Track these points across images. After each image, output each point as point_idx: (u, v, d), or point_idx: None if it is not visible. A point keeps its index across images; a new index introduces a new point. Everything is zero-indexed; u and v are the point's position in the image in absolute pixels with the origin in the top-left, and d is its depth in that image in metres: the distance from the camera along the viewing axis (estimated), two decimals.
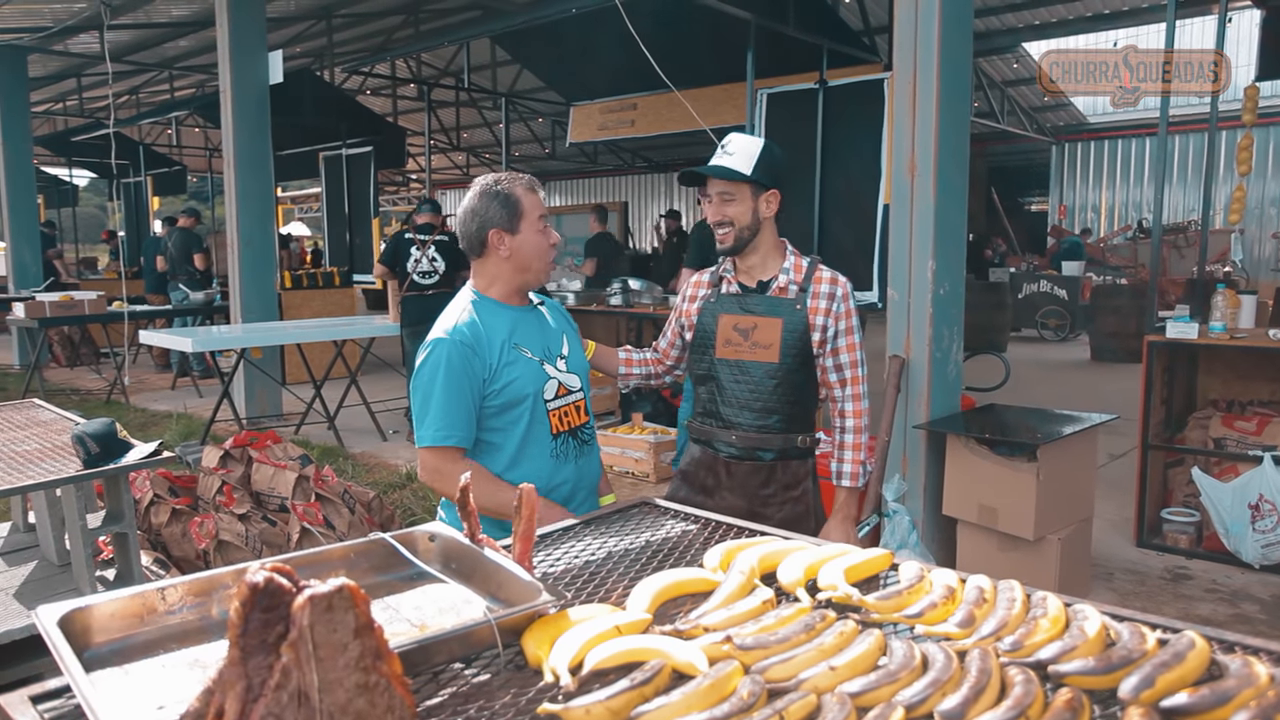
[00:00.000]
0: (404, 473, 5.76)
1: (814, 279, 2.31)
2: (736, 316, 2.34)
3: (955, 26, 3.99)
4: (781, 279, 2.32)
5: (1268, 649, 1.12)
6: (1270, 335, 4.22)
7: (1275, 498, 3.97)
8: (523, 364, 2.07)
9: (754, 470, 2.34)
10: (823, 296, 2.30)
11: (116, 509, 2.85)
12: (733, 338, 2.33)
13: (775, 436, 2.32)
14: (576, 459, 2.15)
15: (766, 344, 2.29)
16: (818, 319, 2.29)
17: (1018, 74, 14.19)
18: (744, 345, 2.32)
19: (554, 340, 2.18)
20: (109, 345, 10.27)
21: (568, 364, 2.18)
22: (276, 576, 0.85)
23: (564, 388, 2.15)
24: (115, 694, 0.98)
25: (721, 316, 2.36)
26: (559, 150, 17.85)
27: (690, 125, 6.98)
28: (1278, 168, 14.26)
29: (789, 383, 2.30)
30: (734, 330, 2.33)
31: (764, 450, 2.34)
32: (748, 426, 2.33)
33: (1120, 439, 5.79)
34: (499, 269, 2.11)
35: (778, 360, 2.28)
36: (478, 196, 2.08)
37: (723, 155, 2.28)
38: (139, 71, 12.99)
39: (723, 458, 2.37)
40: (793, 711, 0.95)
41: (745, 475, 2.35)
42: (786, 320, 2.28)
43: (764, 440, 2.33)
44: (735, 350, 2.32)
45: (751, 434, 2.33)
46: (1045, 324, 12.85)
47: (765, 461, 2.34)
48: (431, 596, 1.30)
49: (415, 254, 6.63)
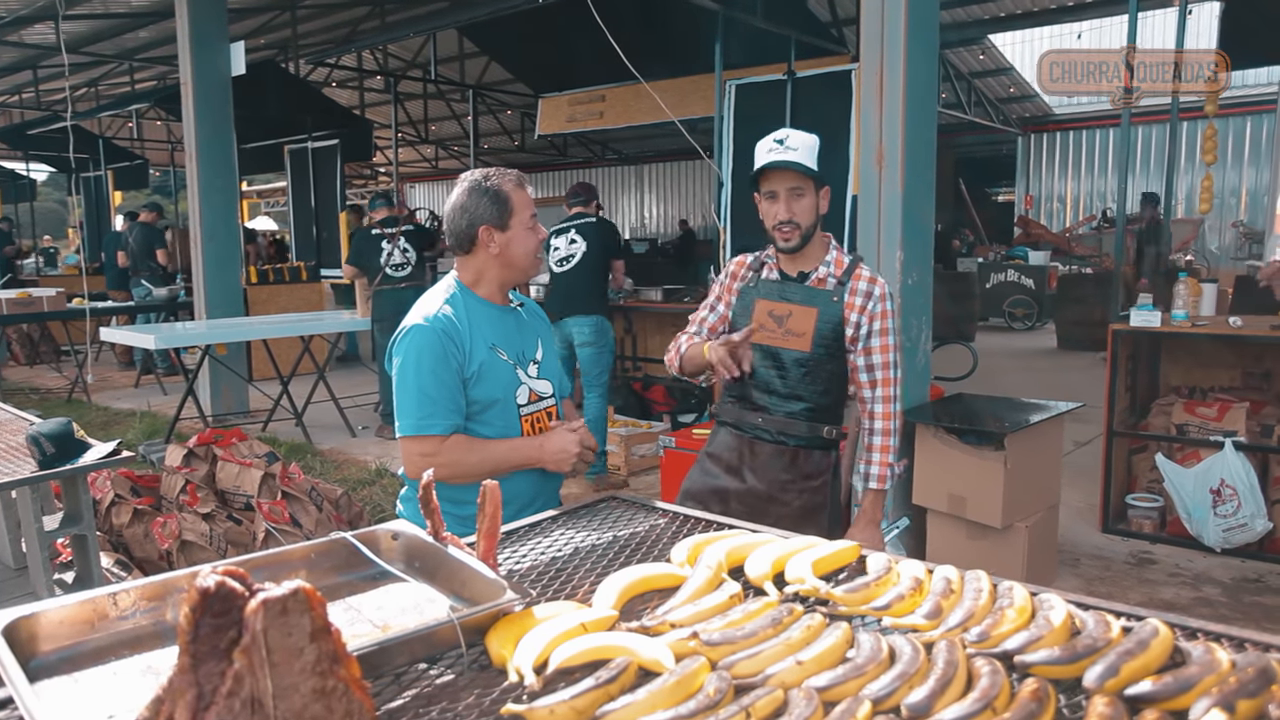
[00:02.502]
0: (373, 469, 5.71)
1: (854, 275, 2.32)
2: (773, 303, 2.34)
3: (921, 18, 4.01)
4: (821, 270, 2.33)
5: (1229, 635, 1.13)
6: (1230, 323, 4.29)
7: (1236, 482, 4.04)
8: (499, 367, 2.04)
9: (777, 453, 2.35)
10: (860, 294, 2.30)
11: (75, 510, 2.79)
12: (767, 323, 2.33)
13: (801, 423, 2.33)
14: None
15: (800, 332, 2.30)
16: (852, 315, 2.29)
17: (984, 65, 14.30)
18: (778, 332, 2.32)
19: (529, 344, 2.15)
20: (69, 343, 10.06)
21: (540, 369, 2.15)
22: (228, 580, 0.83)
23: (535, 393, 2.12)
24: (62, 704, 0.95)
25: (759, 301, 2.35)
26: (528, 143, 17.75)
27: (659, 117, 6.95)
28: (1237, 158, 14.51)
29: (818, 373, 2.31)
30: (769, 316, 2.33)
31: (789, 436, 2.34)
32: (775, 411, 2.34)
33: (1086, 426, 5.87)
34: (486, 265, 2.08)
35: (809, 350, 2.29)
36: (467, 193, 2.05)
37: (786, 151, 2.24)
38: (97, 63, 12.71)
39: (748, 438, 2.38)
40: (759, 707, 0.95)
41: (769, 457, 2.35)
42: (822, 311, 2.29)
43: (790, 425, 2.33)
44: (769, 336, 2.32)
45: (778, 418, 2.34)
46: (1013, 313, 12.98)
47: (789, 446, 2.34)
48: (394, 596, 1.28)
49: (386, 247, 6.58)
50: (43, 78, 13.49)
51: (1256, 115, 13.85)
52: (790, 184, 2.25)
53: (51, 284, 10.98)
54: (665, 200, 21.25)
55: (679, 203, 20.82)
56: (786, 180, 2.25)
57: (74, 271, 13.07)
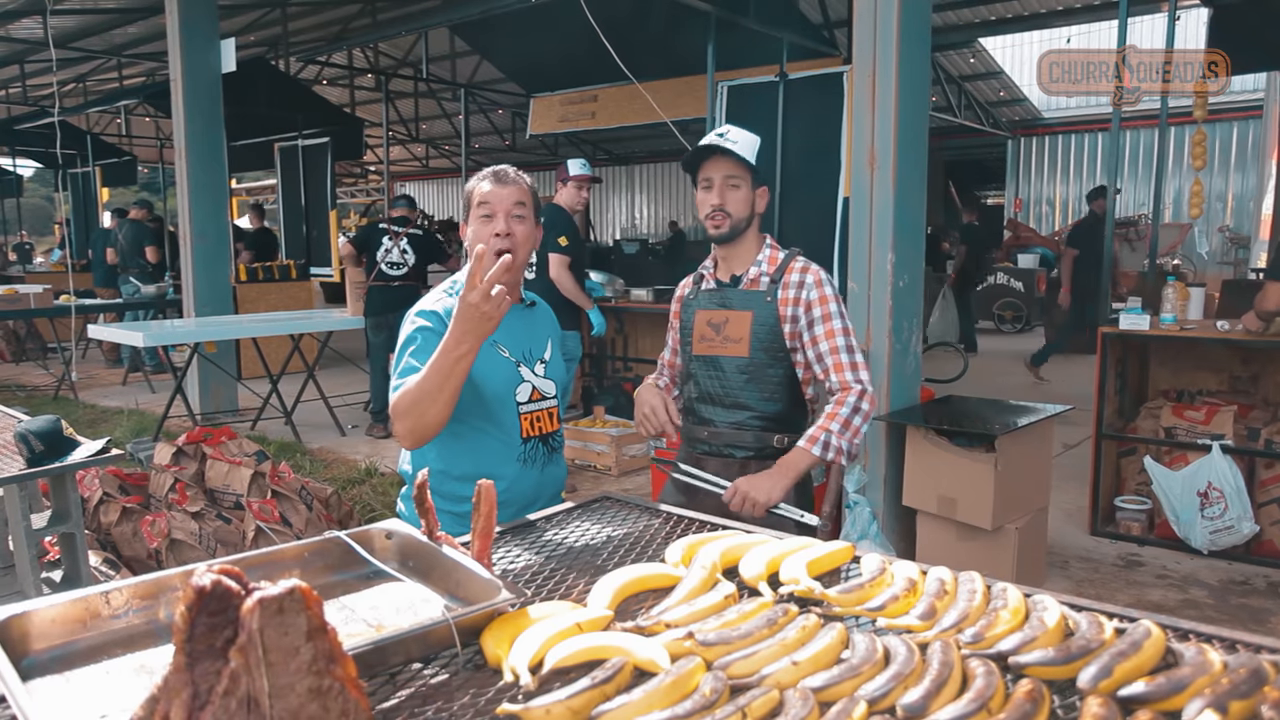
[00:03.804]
0: (363, 468, 5.69)
1: (787, 270, 2.26)
2: (711, 311, 2.31)
3: (914, 21, 4.02)
4: (753, 271, 2.29)
5: (1220, 636, 1.13)
6: (1218, 326, 4.32)
7: (1223, 485, 4.06)
8: (497, 362, 2.04)
9: (724, 466, 2.27)
10: (792, 286, 2.25)
11: (63, 508, 2.77)
12: (706, 333, 2.29)
13: (747, 433, 2.26)
14: (544, 465, 2.12)
15: (737, 338, 2.25)
16: (788, 309, 2.23)
17: (974, 69, 14.35)
18: (716, 340, 2.28)
19: (537, 344, 2.15)
20: (56, 340, 9.99)
21: (547, 369, 2.15)
22: (224, 579, 0.82)
23: (538, 392, 2.11)
24: (55, 703, 0.94)
25: (698, 313, 2.33)
26: (519, 142, 17.71)
27: (651, 117, 6.96)
28: (1224, 163, 14.62)
29: (760, 378, 2.25)
30: (708, 325, 2.30)
31: (737, 447, 2.28)
32: (720, 423, 2.28)
33: (1075, 429, 5.90)
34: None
35: (748, 354, 2.24)
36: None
37: (725, 142, 2.21)
38: (86, 59, 12.62)
39: (695, 454, 2.34)
40: (755, 708, 0.95)
41: (716, 471, 2.26)
42: (756, 313, 2.24)
43: (737, 437, 2.27)
44: (709, 346, 2.29)
45: (724, 429, 2.28)
46: (1002, 316, 13.03)
47: (737, 459, 2.27)
48: (388, 596, 1.28)
49: (387, 244, 6.58)
50: (30, 73, 13.40)
51: (1243, 121, 13.95)
52: (725, 172, 2.23)
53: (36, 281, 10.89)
54: (656, 201, 21.26)
55: (670, 204, 20.84)
56: (722, 168, 2.23)
57: (60, 269, 12.96)
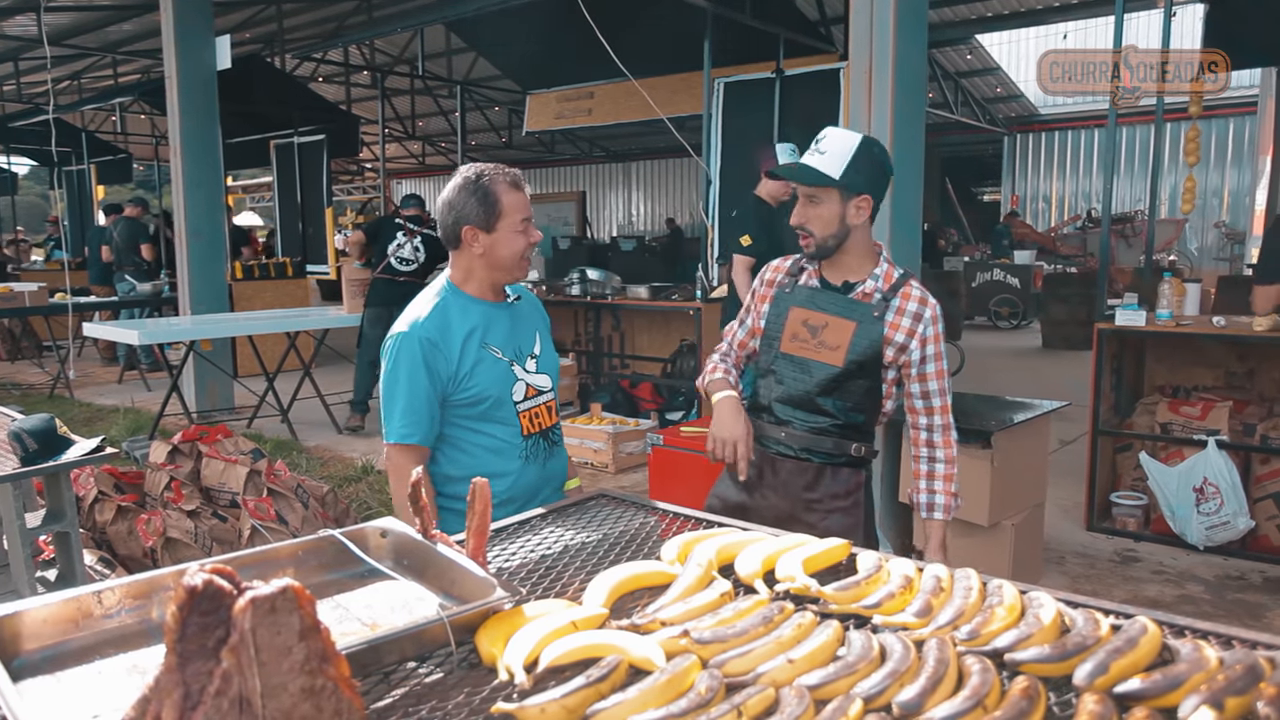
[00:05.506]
0: (359, 466, 5.68)
1: (901, 293, 2.15)
2: (810, 312, 2.18)
3: (910, 17, 4.02)
4: (869, 284, 2.16)
5: (1216, 632, 1.13)
6: (1214, 322, 4.32)
7: (1219, 481, 4.07)
8: (491, 364, 2.04)
9: (799, 470, 2.20)
10: (908, 315, 2.13)
11: (57, 507, 2.76)
12: (801, 333, 2.17)
13: (827, 439, 2.18)
14: (545, 460, 2.12)
15: (834, 345, 2.14)
16: (897, 335, 2.13)
17: (971, 65, 14.36)
18: (811, 343, 2.16)
19: (526, 339, 2.14)
20: (52, 338, 9.97)
21: (538, 364, 2.14)
22: (216, 579, 0.82)
23: (533, 389, 2.11)
24: (45, 704, 0.93)
25: (793, 309, 2.20)
26: (516, 139, 17.69)
27: (648, 114, 6.95)
28: (1219, 159, 14.64)
29: (848, 389, 2.16)
30: (803, 326, 2.17)
31: (814, 452, 2.20)
32: (799, 425, 2.19)
33: (1071, 425, 5.90)
34: (473, 264, 2.06)
35: (841, 365, 2.13)
36: (457, 189, 2.02)
37: (814, 154, 2.10)
38: (80, 56, 12.58)
39: (769, 454, 2.23)
40: (751, 706, 0.94)
41: (790, 474, 2.21)
42: (860, 326, 2.12)
43: (815, 441, 2.19)
44: (800, 346, 2.17)
45: (802, 433, 2.19)
46: (998, 312, 13.05)
47: (813, 463, 2.20)
48: (383, 594, 1.27)
49: (400, 239, 6.62)
50: (24, 70, 13.36)
51: (1239, 117, 13.97)
52: (804, 189, 2.11)
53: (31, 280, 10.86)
54: (653, 198, 21.23)
55: (667, 201, 20.82)
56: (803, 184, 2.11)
57: (56, 267, 12.91)
